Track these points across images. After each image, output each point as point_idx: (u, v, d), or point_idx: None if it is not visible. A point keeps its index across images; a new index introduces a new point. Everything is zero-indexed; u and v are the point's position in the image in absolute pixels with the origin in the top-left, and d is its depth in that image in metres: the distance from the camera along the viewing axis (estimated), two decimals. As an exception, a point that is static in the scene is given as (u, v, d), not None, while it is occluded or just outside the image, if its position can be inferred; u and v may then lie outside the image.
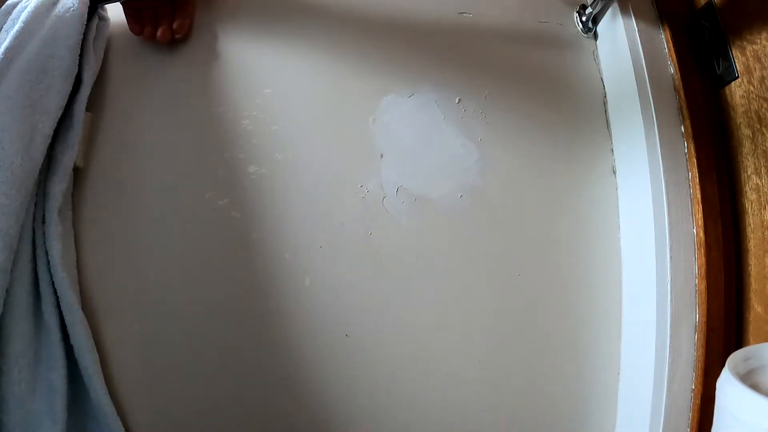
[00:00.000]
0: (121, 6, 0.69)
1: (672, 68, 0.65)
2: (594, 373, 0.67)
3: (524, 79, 0.74)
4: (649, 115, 0.63)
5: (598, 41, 0.75)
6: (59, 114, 0.61)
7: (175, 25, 0.68)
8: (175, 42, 0.71)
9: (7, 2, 0.64)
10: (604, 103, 0.73)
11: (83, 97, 0.64)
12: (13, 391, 0.55)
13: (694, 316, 0.59)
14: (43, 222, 0.60)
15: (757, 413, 0.38)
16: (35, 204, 0.60)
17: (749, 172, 0.59)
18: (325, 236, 0.67)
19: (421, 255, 0.68)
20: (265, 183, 0.68)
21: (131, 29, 0.69)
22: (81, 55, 0.64)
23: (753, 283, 0.58)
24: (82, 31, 0.63)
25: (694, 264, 0.60)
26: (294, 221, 0.67)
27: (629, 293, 0.67)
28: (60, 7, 0.63)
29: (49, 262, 0.59)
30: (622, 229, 0.69)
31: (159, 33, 0.68)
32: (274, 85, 0.71)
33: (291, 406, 0.64)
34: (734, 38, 0.60)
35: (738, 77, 0.60)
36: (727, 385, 0.41)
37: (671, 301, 0.59)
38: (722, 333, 0.58)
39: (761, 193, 0.57)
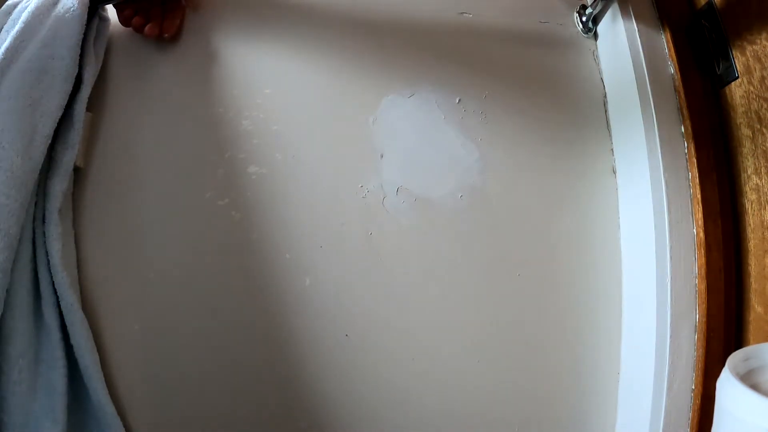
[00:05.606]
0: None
1: (672, 68, 0.65)
2: (594, 373, 0.67)
3: (524, 79, 0.74)
4: (649, 115, 0.63)
5: (598, 41, 0.75)
6: (59, 114, 0.61)
7: (164, 25, 0.69)
8: (163, 41, 0.71)
9: (7, 2, 0.64)
10: (604, 103, 0.73)
11: (83, 97, 0.64)
12: (13, 390, 0.55)
13: (694, 316, 0.59)
14: (44, 222, 0.60)
15: (757, 413, 0.38)
16: (35, 204, 0.60)
17: (749, 172, 0.59)
18: (325, 236, 0.67)
19: (422, 255, 0.68)
20: (265, 183, 0.68)
21: (121, 21, 0.69)
22: (81, 56, 0.64)
23: (753, 283, 0.58)
24: (83, 32, 0.63)
25: (694, 264, 0.60)
26: (294, 221, 0.68)
27: (629, 293, 0.67)
28: (60, 8, 0.63)
29: (49, 262, 0.59)
30: (622, 229, 0.69)
31: (147, 28, 0.68)
32: (274, 85, 0.71)
33: (291, 406, 0.65)
34: (734, 38, 0.60)
35: (738, 77, 0.60)
36: (727, 385, 0.41)
37: (671, 301, 0.59)
38: (722, 333, 0.58)
39: (761, 193, 0.57)
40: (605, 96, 0.74)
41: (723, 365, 0.43)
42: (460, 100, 0.72)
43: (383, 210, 0.69)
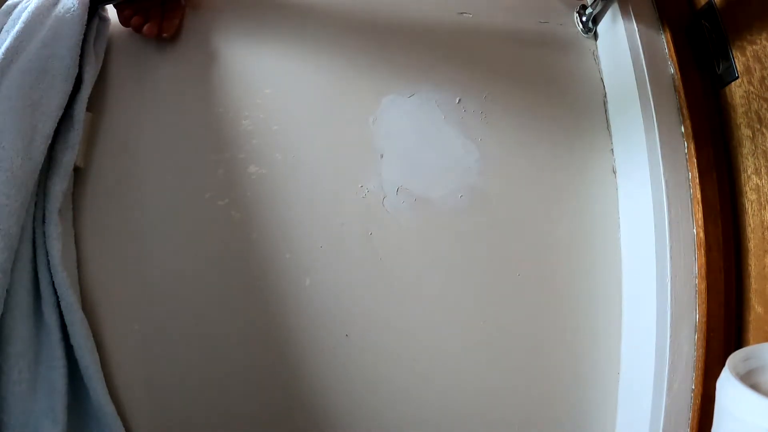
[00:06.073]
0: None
1: (672, 68, 0.65)
2: (594, 373, 0.67)
3: (524, 79, 0.74)
4: (649, 115, 0.63)
5: (598, 41, 0.75)
6: (59, 114, 0.61)
7: (163, 24, 0.69)
8: (162, 40, 0.71)
9: (7, 2, 0.64)
10: (604, 103, 0.73)
11: (84, 97, 0.64)
12: (13, 391, 0.55)
13: (694, 316, 0.59)
14: (44, 222, 0.60)
15: (757, 413, 0.38)
16: (35, 204, 0.60)
17: (749, 172, 0.59)
18: (325, 236, 0.67)
19: (421, 255, 0.68)
20: (265, 183, 0.68)
21: (121, 21, 0.69)
22: (81, 56, 0.64)
23: (753, 283, 0.58)
24: (83, 32, 0.63)
25: (694, 264, 0.60)
26: (294, 221, 0.68)
27: (629, 293, 0.67)
28: (60, 8, 0.63)
29: (49, 262, 0.59)
30: (622, 229, 0.69)
31: (146, 28, 0.68)
32: (274, 85, 0.71)
33: (291, 406, 0.65)
34: (734, 38, 0.60)
35: (738, 77, 0.60)
36: (727, 385, 0.41)
37: (671, 301, 0.59)
38: (722, 333, 0.58)
39: (761, 193, 0.57)
40: (605, 96, 0.74)
41: (723, 365, 0.43)
42: (460, 100, 0.72)
43: (383, 210, 0.69)
